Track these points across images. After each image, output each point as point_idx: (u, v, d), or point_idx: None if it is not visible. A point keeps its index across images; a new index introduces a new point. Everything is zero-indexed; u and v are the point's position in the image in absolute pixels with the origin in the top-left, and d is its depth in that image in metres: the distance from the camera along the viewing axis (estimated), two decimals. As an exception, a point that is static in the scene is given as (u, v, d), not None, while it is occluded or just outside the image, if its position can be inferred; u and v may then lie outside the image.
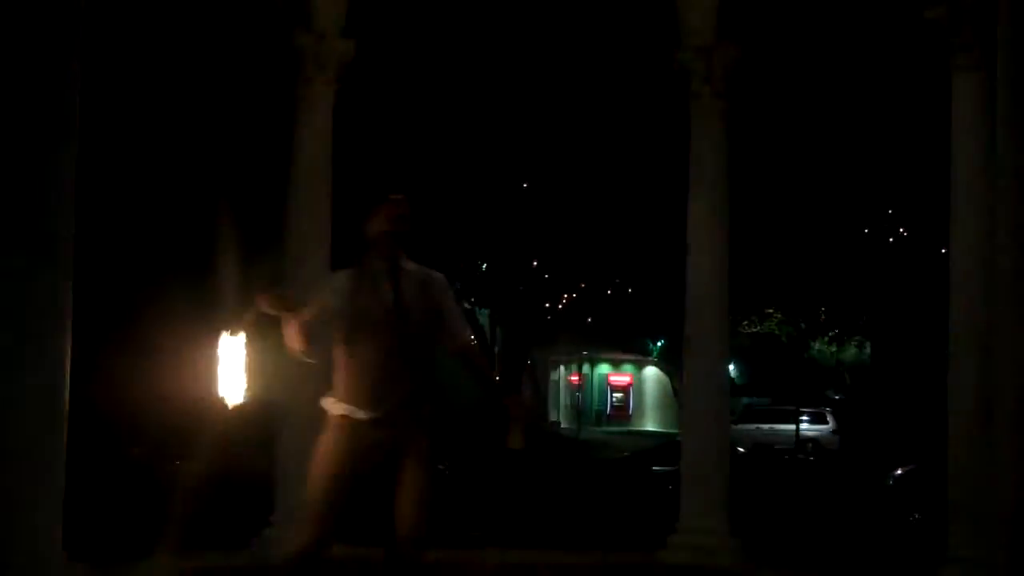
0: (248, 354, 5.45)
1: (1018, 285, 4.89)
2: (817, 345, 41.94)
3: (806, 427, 37.08)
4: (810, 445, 35.77)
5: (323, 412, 5.56)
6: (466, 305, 19.08)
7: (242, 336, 5.43)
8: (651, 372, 46.90)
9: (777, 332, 38.58)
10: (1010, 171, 4.96)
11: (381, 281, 5.40)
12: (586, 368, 47.05)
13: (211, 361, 5.43)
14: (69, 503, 5.67)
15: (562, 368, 46.63)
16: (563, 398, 47.76)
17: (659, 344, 41.30)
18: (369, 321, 5.33)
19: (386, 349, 5.32)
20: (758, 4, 9.96)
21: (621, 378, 48.82)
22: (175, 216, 17.09)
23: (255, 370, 5.50)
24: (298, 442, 9.58)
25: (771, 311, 35.22)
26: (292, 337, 5.27)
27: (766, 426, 37.09)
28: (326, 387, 5.59)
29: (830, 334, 38.54)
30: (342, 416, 5.40)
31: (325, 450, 5.42)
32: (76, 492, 6.05)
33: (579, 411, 45.67)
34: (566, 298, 19.22)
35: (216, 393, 5.44)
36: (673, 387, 38.92)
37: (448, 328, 5.52)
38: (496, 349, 20.68)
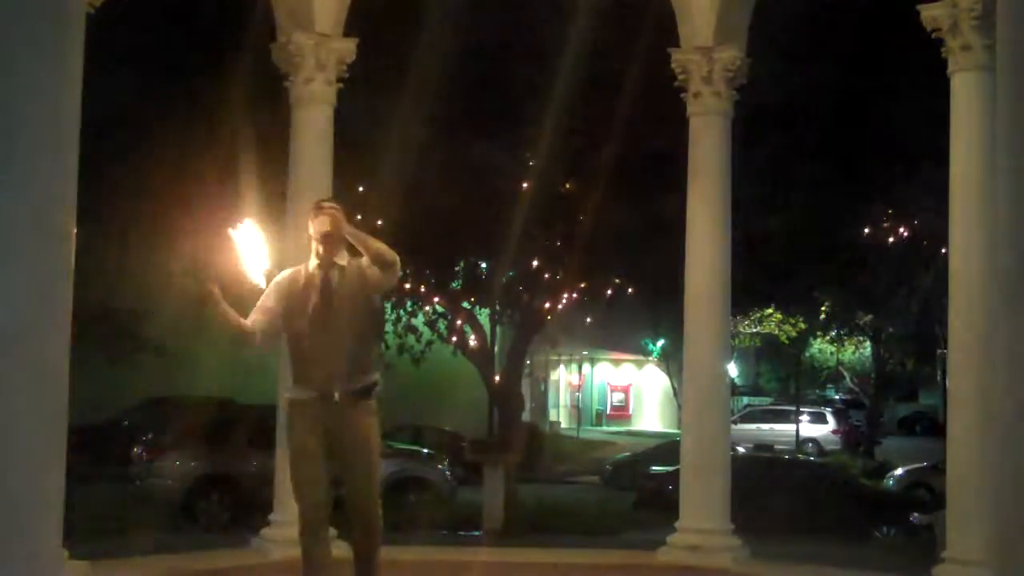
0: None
1: (1018, 285, 4.88)
2: (817, 345, 41.88)
3: (806, 427, 37.13)
4: (810, 445, 35.83)
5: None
6: (465, 305, 19.01)
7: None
8: (651, 372, 46.84)
9: (777, 332, 38.51)
10: (1010, 171, 4.96)
11: (315, 279, 5.97)
12: (586, 368, 46.96)
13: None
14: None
15: (562, 368, 46.53)
16: (563, 398, 47.67)
17: (659, 344, 41.25)
18: (297, 314, 5.93)
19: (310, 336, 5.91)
20: (758, 4, 9.97)
21: (621, 378, 48.77)
22: (174, 216, 17.06)
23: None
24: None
25: (771, 311, 35.13)
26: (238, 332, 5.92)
27: (766, 426, 37.13)
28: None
29: (831, 334, 38.46)
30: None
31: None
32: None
33: (579, 411, 45.65)
34: (566, 298, 19.15)
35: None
36: (673, 387, 38.91)
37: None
38: (496, 349, 20.62)
